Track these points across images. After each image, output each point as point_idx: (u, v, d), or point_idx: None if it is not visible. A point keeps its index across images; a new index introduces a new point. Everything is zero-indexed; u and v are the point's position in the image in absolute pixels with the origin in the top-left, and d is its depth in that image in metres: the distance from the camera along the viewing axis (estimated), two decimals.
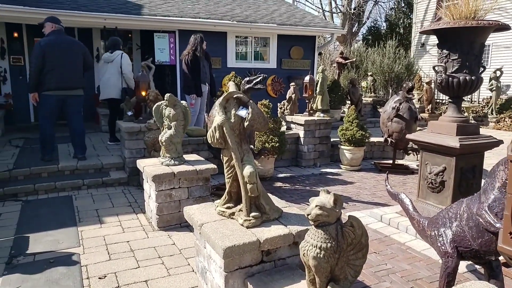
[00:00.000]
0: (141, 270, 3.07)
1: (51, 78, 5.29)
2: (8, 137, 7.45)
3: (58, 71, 5.30)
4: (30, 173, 5.28)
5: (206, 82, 6.56)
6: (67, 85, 5.41)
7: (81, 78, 5.58)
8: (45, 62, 5.24)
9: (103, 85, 6.71)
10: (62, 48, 5.34)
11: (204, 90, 6.53)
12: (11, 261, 3.23)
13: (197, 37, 6.33)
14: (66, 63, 5.34)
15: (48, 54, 5.24)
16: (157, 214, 3.89)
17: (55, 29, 5.43)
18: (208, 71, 6.57)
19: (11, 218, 4.21)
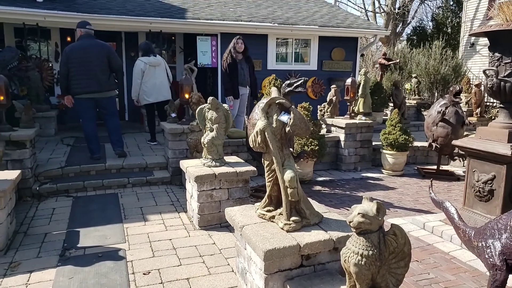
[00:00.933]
0: (183, 268, 3.18)
1: (77, 82, 5.52)
2: (60, 136, 7.90)
3: (82, 75, 5.50)
4: (80, 170, 5.58)
5: (246, 84, 6.62)
6: (94, 88, 5.60)
7: (108, 80, 5.71)
8: (69, 67, 5.48)
9: (155, 88, 6.85)
10: (86, 52, 5.50)
11: (242, 92, 6.59)
12: (64, 254, 3.45)
13: (236, 39, 6.43)
14: (90, 66, 5.49)
15: (71, 59, 5.48)
16: (199, 213, 4.00)
17: (83, 33, 5.68)
18: (247, 74, 6.59)
19: (63, 212, 4.48)
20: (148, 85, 6.83)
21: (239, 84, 6.52)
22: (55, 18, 7.45)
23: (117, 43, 10.21)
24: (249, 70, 6.60)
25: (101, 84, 5.62)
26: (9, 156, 4.87)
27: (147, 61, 6.79)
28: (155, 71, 6.81)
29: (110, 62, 5.67)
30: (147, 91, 6.84)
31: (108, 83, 5.73)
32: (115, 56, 5.85)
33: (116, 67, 5.82)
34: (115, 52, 5.91)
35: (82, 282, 2.95)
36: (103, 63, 5.59)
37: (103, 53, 5.61)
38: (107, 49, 5.71)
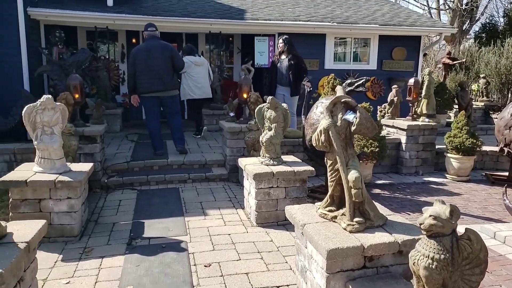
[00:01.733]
0: (242, 263, 3.25)
1: (142, 82, 5.82)
2: (125, 132, 8.37)
3: (147, 74, 5.79)
4: (144, 165, 5.88)
5: (284, 84, 6.58)
6: (158, 87, 5.86)
7: (171, 79, 5.95)
8: (135, 67, 5.79)
9: (199, 85, 7.36)
10: (150, 53, 5.77)
11: (280, 92, 6.56)
12: (131, 243, 3.66)
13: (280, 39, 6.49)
14: (154, 66, 5.74)
15: (137, 60, 5.78)
16: (256, 210, 4.06)
17: (147, 35, 5.98)
18: (286, 73, 6.52)
19: (129, 204, 4.75)
20: (192, 82, 7.31)
21: (278, 83, 6.54)
22: (123, 21, 7.89)
23: (178, 44, 10.61)
24: (290, 70, 6.52)
25: (165, 83, 5.87)
26: (82, 149, 5.25)
27: (193, 60, 7.25)
28: (199, 70, 7.31)
29: (173, 62, 5.92)
30: (192, 88, 7.33)
31: (171, 82, 5.97)
32: (178, 56, 6.10)
33: (179, 67, 6.07)
34: (178, 53, 6.18)
35: (148, 270, 3.12)
36: (166, 63, 5.84)
37: (167, 53, 5.86)
38: (170, 50, 5.97)
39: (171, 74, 5.94)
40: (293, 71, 6.52)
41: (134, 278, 3.00)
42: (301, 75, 6.62)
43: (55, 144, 3.78)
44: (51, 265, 3.23)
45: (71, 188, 3.69)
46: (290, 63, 6.50)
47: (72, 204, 3.72)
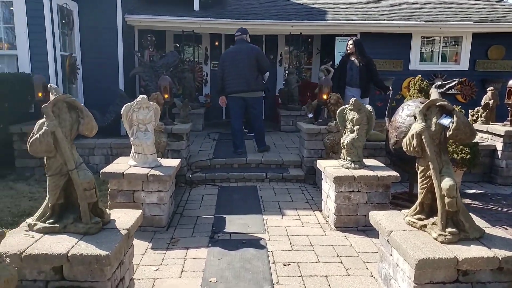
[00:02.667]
0: (321, 265, 3.23)
1: (229, 83, 6.12)
2: (206, 131, 8.77)
3: (233, 76, 6.08)
4: (225, 163, 6.11)
5: (354, 85, 6.41)
6: (243, 88, 6.11)
7: (256, 80, 6.12)
8: (224, 69, 6.11)
9: None
10: (236, 55, 6.06)
11: (350, 93, 6.35)
12: (213, 236, 3.83)
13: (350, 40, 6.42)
14: (240, 68, 6.01)
15: (225, 62, 6.12)
16: (335, 214, 4.01)
17: (236, 39, 6.27)
18: (355, 74, 6.38)
19: (211, 199, 4.97)
20: None
21: (347, 84, 6.42)
22: (208, 24, 8.29)
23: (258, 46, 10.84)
24: (360, 71, 6.36)
25: (249, 84, 6.09)
26: (170, 146, 5.61)
27: None
28: None
29: (258, 64, 6.10)
30: None
31: (255, 83, 6.17)
32: (264, 58, 6.27)
33: (264, 68, 6.24)
34: (263, 54, 6.35)
35: (229, 264, 3.24)
36: (251, 65, 6.04)
37: (252, 55, 6.06)
38: (256, 51, 6.15)
39: (255, 75, 6.12)
40: (363, 73, 6.39)
41: (217, 270, 3.13)
42: (372, 76, 6.46)
43: (148, 141, 4.10)
44: (142, 252, 3.50)
45: (161, 182, 3.97)
46: (360, 65, 6.38)
47: (161, 197, 4.00)
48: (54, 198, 2.31)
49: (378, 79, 6.52)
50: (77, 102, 2.35)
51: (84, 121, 2.34)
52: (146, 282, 2.97)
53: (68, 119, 2.31)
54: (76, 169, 2.28)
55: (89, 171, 2.36)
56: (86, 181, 2.29)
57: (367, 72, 6.37)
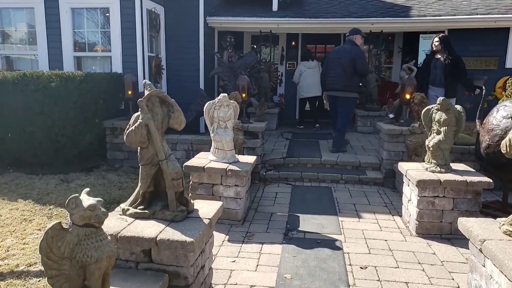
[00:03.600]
0: (401, 271, 3.08)
1: (327, 81, 6.34)
2: (280, 130, 8.82)
3: (331, 74, 6.25)
4: (298, 162, 6.10)
5: (438, 85, 5.98)
6: (335, 86, 6.23)
7: (349, 81, 6.11)
8: (326, 66, 6.36)
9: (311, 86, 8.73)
10: (338, 55, 6.27)
11: (433, 93, 5.88)
12: (287, 234, 3.85)
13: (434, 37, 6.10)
14: (337, 68, 6.15)
15: (328, 60, 6.41)
16: (417, 219, 3.79)
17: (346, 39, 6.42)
18: (440, 73, 5.96)
19: (284, 198, 4.99)
20: (305, 83, 8.75)
21: (430, 83, 6.03)
22: (286, 24, 8.32)
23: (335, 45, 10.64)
24: (445, 70, 5.92)
25: (341, 84, 6.17)
26: (246, 144, 5.74)
27: (307, 65, 8.82)
28: (312, 73, 8.66)
29: (355, 65, 6.07)
30: (304, 88, 8.80)
31: (348, 84, 6.16)
32: (361, 60, 6.16)
33: (360, 69, 6.15)
34: (362, 57, 6.23)
35: (304, 262, 3.23)
36: (348, 66, 6.08)
37: (350, 56, 6.08)
38: (354, 53, 6.12)
39: (349, 76, 6.13)
40: (448, 71, 5.94)
41: (292, 267, 3.14)
42: (460, 76, 6.00)
43: (227, 137, 4.24)
44: (220, 243, 3.63)
45: (239, 177, 4.08)
46: (446, 63, 5.94)
47: (238, 191, 4.12)
48: (145, 186, 2.49)
49: (466, 78, 6.07)
50: (168, 97, 2.50)
51: (175, 115, 2.49)
52: (223, 272, 3.08)
53: (160, 112, 2.48)
54: (166, 159, 2.44)
55: (177, 162, 2.50)
56: (174, 171, 2.43)
57: (453, 71, 5.95)
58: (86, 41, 7.15)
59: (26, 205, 4.39)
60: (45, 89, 5.37)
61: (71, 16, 6.89)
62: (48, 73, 5.56)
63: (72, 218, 1.63)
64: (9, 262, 3.11)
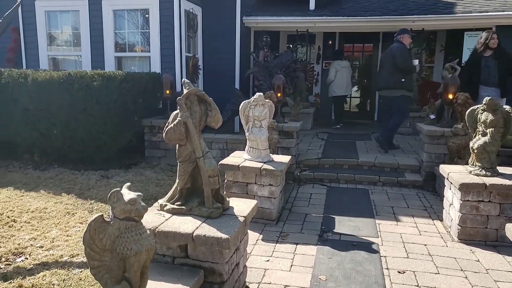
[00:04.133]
0: (441, 277, 2.96)
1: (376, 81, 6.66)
2: (315, 130, 8.72)
3: (378, 74, 6.56)
4: (334, 163, 6.00)
5: (492, 85, 5.62)
6: (381, 86, 6.47)
7: (392, 79, 6.13)
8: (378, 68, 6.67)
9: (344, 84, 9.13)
10: (384, 55, 6.46)
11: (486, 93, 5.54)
12: (322, 235, 3.80)
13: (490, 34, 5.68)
14: (382, 67, 6.40)
15: (380, 61, 6.76)
16: (459, 224, 3.63)
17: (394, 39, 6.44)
18: (493, 72, 5.61)
19: (319, 199, 4.93)
20: (339, 82, 9.09)
21: (481, 83, 5.65)
22: (323, 23, 8.22)
23: (374, 44, 10.42)
24: (498, 68, 5.59)
25: (384, 82, 6.27)
26: (280, 143, 5.71)
27: (341, 64, 9.10)
28: (344, 72, 9.05)
29: (394, 61, 6.08)
30: (338, 86, 9.11)
31: (391, 82, 6.16)
32: (398, 55, 6.08)
33: (399, 65, 6.09)
34: (400, 52, 6.13)
35: (339, 264, 3.17)
36: (390, 64, 6.15)
37: (391, 54, 6.15)
38: (394, 50, 6.17)
39: (392, 75, 6.14)
40: (502, 70, 5.62)
41: (326, 269, 3.09)
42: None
43: (262, 136, 4.24)
44: (254, 242, 3.63)
45: (273, 176, 4.07)
46: (498, 60, 5.62)
47: (272, 191, 4.10)
48: (182, 182, 2.53)
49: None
50: (206, 96, 2.53)
51: (212, 113, 2.51)
52: (257, 271, 3.08)
53: (198, 111, 2.51)
54: (203, 157, 2.46)
55: (213, 160, 2.53)
56: (211, 169, 2.46)
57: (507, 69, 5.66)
58: (126, 41, 7.38)
59: (69, 199, 4.59)
60: (88, 88, 5.59)
61: (113, 17, 7.14)
62: (91, 72, 5.78)
63: (114, 212, 1.68)
64: (54, 252, 3.25)
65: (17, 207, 4.24)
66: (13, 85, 5.69)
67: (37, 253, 3.23)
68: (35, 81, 5.61)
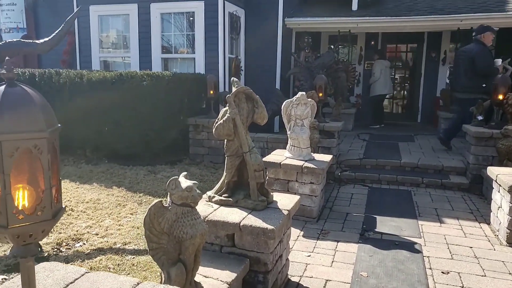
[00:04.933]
0: (488, 280, 2.90)
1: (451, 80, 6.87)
2: (356, 131, 8.65)
3: (454, 74, 6.59)
4: (376, 164, 5.95)
5: None
6: (455, 87, 6.42)
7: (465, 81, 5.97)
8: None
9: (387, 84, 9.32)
10: (459, 56, 6.36)
11: None
12: (363, 234, 3.81)
13: None
14: (457, 68, 6.28)
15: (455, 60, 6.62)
16: (508, 228, 3.52)
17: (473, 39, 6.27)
18: None
19: (361, 199, 4.92)
20: (383, 81, 9.20)
21: None
22: (366, 23, 8.14)
23: (418, 44, 10.17)
24: None
25: (462, 86, 6.09)
26: (321, 143, 5.75)
27: (384, 64, 9.28)
28: (388, 71, 9.31)
29: (474, 65, 5.85)
30: (382, 85, 9.21)
31: (463, 84, 6.04)
32: (480, 58, 5.84)
33: (479, 69, 5.85)
34: (482, 55, 5.87)
35: (381, 262, 3.19)
36: (468, 67, 5.93)
37: (469, 56, 5.91)
38: (474, 52, 5.88)
39: (471, 79, 5.93)
40: None
41: (368, 266, 3.11)
42: None
43: (304, 135, 4.31)
44: (295, 238, 3.71)
45: (314, 174, 4.12)
46: None
47: (313, 189, 4.16)
48: (230, 175, 2.66)
49: None
50: (254, 94, 2.65)
51: (258, 110, 2.63)
52: (298, 265, 3.15)
53: (245, 108, 2.63)
54: (249, 152, 2.58)
55: (259, 155, 2.64)
56: (256, 163, 2.57)
57: None
58: (172, 44, 7.69)
59: (120, 191, 4.87)
60: (137, 87, 5.89)
61: (160, 21, 7.46)
62: (141, 73, 6.09)
63: (172, 198, 1.83)
64: (108, 240, 3.49)
65: (74, 198, 4.57)
66: (70, 84, 6.10)
67: (93, 240, 3.48)
68: (89, 81, 5.99)
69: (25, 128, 1.01)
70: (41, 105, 1.05)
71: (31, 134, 1.02)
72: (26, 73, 6.28)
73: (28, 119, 1.02)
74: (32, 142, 1.02)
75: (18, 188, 1.05)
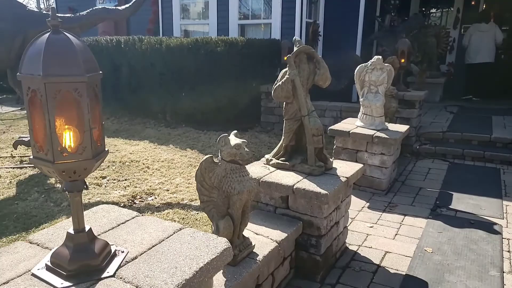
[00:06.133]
0: None
1: None
2: (444, 103, 7.94)
3: None
4: (461, 138, 5.44)
5: None
6: None
7: None
8: None
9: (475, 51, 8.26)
10: None
11: None
12: (435, 209, 3.55)
13: None
14: None
15: None
16: None
17: None
18: None
19: (438, 174, 4.56)
20: (474, 48, 8.24)
21: None
22: None
23: None
24: None
25: None
26: (399, 113, 5.38)
27: (477, 28, 8.25)
28: (482, 36, 8.11)
29: None
30: (473, 53, 8.27)
31: None
32: None
33: None
34: None
35: (450, 239, 2.95)
36: None
37: None
38: None
39: None
40: None
41: (434, 242, 2.91)
42: None
43: (377, 102, 4.06)
44: (359, 208, 3.59)
45: (386, 145, 3.90)
46: None
47: (384, 160, 3.95)
48: (287, 139, 2.63)
49: None
50: (316, 54, 2.54)
51: (320, 72, 2.52)
52: (358, 235, 3.06)
53: (306, 69, 2.54)
54: (308, 115, 2.51)
55: (318, 119, 2.55)
56: (315, 127, 2.49)
57: None
58: (250, 9, 7.66)
59: (193, 153, 5.11)
60: (212, 53, 6.02)
61: None
62: (215, 38, 6.20)
63: (221, 154, 1.86)
64: (177, 196, 3.72)
65: (151, 157, 4.91)
66: (151, 50, 6.44)
67: (164, 195, 3.74)
68: (168, 47, 6.26)
69: (66, 72, 1.08)
70: (82, 51, 1.12)
71: (71, 78, 1.09)
72: (113, 40, 6.77)
73: (69, 64, 1.09)
74: (73, 86, 1.10)
75: (66, 129, 1.15)
